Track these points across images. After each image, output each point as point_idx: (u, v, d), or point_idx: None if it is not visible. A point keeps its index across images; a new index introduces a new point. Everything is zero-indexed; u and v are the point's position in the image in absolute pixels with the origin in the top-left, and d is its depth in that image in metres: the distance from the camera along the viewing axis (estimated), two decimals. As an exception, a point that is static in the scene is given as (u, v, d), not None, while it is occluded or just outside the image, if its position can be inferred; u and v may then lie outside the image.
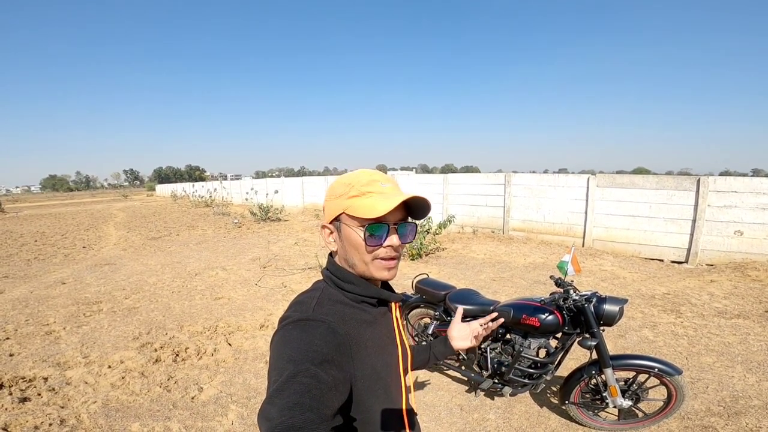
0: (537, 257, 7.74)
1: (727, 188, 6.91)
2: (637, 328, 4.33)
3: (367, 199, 0.86)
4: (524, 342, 2.72)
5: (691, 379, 3.30)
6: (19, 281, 6.95)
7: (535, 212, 9.50)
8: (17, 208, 30.77)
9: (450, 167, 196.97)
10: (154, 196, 46.89)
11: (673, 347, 3.90)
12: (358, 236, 0.87)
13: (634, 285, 5.91)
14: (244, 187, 23.82)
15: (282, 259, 8.06)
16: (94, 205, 30.95)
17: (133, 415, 2.96)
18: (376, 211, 0.84)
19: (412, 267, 7.13)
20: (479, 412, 2.97)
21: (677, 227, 7.45)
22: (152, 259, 8.48)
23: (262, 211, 14.39)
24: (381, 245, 0.88)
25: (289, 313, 0.87)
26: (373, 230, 0.86)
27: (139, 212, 21.23)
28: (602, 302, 2.44)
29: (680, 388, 2.42)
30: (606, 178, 8.37)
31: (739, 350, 3.81)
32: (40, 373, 3.56)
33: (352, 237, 0.89)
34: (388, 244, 0.88)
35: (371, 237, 0.86)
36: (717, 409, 2.92)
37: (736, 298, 5.21)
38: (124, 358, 3.84)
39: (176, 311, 5.13)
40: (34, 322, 4.85)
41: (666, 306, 4.96)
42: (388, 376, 0.93)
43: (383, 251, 0.89)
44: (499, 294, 5.53)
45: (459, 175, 11.02)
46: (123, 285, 6.44)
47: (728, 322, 4.47)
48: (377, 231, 0.86)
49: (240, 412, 3.02)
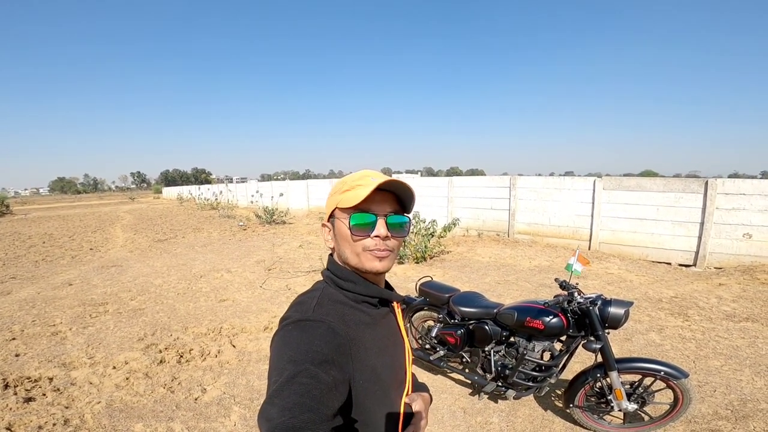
0: (542, 260, 7.69)
1: (735, 190, 6.83)
2: (644, 332, 4.28)
3: (354, 191, 0.88)
4: (528, 345, 2.70)
5: (698, 383, 3.26)
6: (27, 282, 7.02)
7: (540, 215, 9.45)
8: (26, 210, 31.13)
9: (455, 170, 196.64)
10: (160, 199, 47.25)
11: (681, 350, 3.85)
12: (345, 227, 0.89)
13: (641, 288, 5.86)
14: (250, 190, 23.96)
15: (286, 262, 8.08)
16: (101, 208, 31.22)
17: (136, 416, 2.97)
18: (357, 197, 0.85)
19: (417, 270, 7.11)
20: (482, 416, 2.95)
21: (685, 230, 7.38)
22: (158, 261, 8.53)
23: (268, 214, 14.44)
24: (368, 235, 0.88)
25: (289, 313, 0.87)
26: (357, 219, 0.87)
27: (146, 215, 21.39)
28: (607, 305, 2.42)
29: (687, 392, 2.39)
30: (612, 181, 8.31)
31: (748, 353, 3.76)
32: (46, 374, 3.58)
33: (341, 229, 0.90)
34: (375, 234, 0.88)
35: (356, 226, 0.87)
36: (724, 412, 2.88)
37: (744, 301, 5.15)
38: (129, 359, 3.86)
39: (181, 313, 5.15)
40: (40, 322, 4.89)
41: (673, 309, 4.90)
42: (388, 377, 0.92)
43: (371, 242, 0.88)
44: (503, 297, 5.50)
45: (464, 177, 11.00)
46: (129, 286, 6.48)
47: (737, 325, 4.41)
48: (362, 220, 0.87)
49: (243, 413, 3.02)
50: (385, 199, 0.89)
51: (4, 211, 25.13)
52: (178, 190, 43.13)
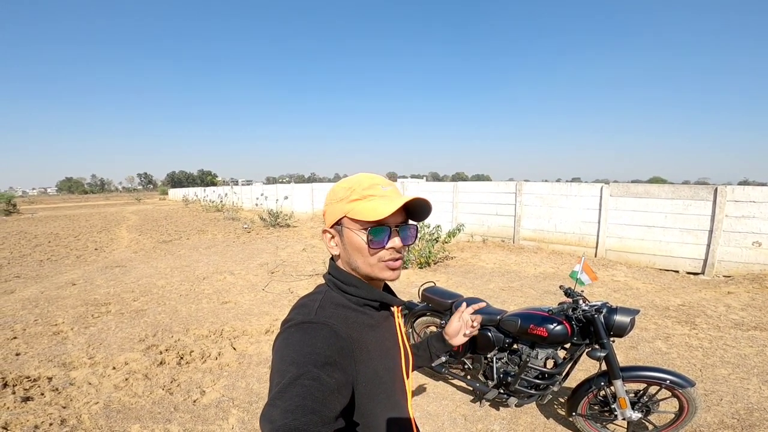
0: (548, 267, 7.62)
1: (745, 198, 6.74)
2: (650, 340, 4.21)
3: (369, 202, 0.87)
4: (531, 352, 2.65)
5: (704, 391, 3.20)
6: (31, 281, 7.05)
7: (546, 222, 9.38)
8: (33, 209, 31.40)
9: (461, 175, 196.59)
10: (166, 200, 47.58)
11: (687, 359, 3.78)
12: (360, 239, 0.88)
13: (648, 296, 5.78)
14: (255, 193, 24.02)
15: (290, 265, 8.06)
16: (107, 208, 31.47)
17: (134, 417, 2.95)
18: (378, 213, 0.84)
19: (420, 275, 7.07)
20: (483, 423, 2.90)
21: (693, 238, 7.28)
22: (162, 263, 8.55)
23: (272, 217, 14.47)
24: (383, 247, 0.88)
25: (291, 315, 0.87)
26: (375, 233, 0.87)
27: (152, 216, 21.51)
28: (613, 313, 2.37)
29: (692, 401, 2.34)
30: (620, 188, 8.23)
31: (756, 362, 3.69)
32: (45, 373, 3.57)
33: (354, 240, 0.89)
34: (390, 246, 0.89)
35: (374, 240, 0.87)
36: (731, 421, 2.82)
37: (753, 309, 5.06)
38: (129, 359, 3.85)
39: (183, 314, 5.14)
40: (42, 322, 4.90)
41: (680, 317, 4.83)
42: (390, 380, 0.92)
43: (386, 253, 0.89)
44: (507, 304, 5.44)
45: (469, 183, 10.95)
46: (132, 287, 6.49)
47: (745, 333, 4.33)
48: (379, 234, 0.87)
49: (241, 416, 2.99)
50: (397, 211, 0.88)
51: (12, 210, 25.38)
52: (184, 191, 43.41)
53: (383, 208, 0.84)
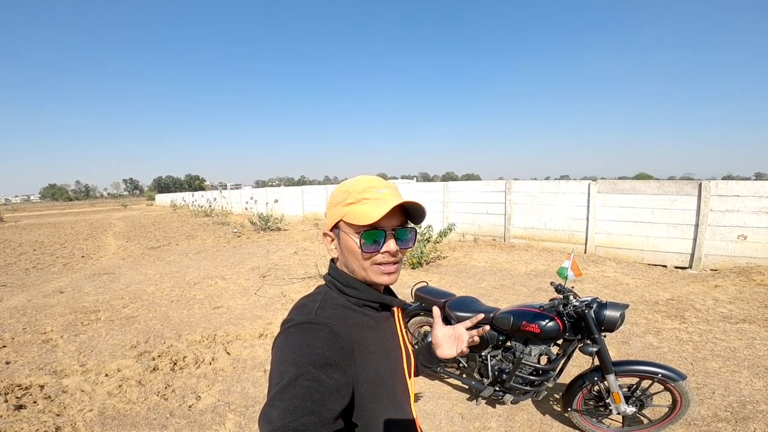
0: (539, 264, 7.69)
1: (729, 192, 6.88)
2: (641, 334, 4.28)
3: (362, 206, 0.87)
4: (525, 349, 2.68)
5: (696, 385, 3.25)
6: (17, 290, 6.92)
7: (536, 219, 9.47)
8: (16, 217, 30.82)
9: (451, 175, 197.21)
10: (153, 206, 46.94)
11: (678, 353, 3.85)
12: (354, 243, 0.88)
13: (638, 291, 5.87)
14: (244, 197, 23.84)
15: (281, 269, 8.03)
16: (93, 215, 30.99)
17: (129, 423, 2.91)
18: (369, 217, 0.84)
19: (413, 275, 7.09)
20: (480, 421, 2.92)
21: (680, 232, 7.42)
22: (151, 269, 8.45)
23: (262, 221, 14.36)
24: (378, 251, 0.88)
25: (291, 316, 0.87)
26: (368, 237, 0.86)
27: (139, 222, 21.23)
28: (603, 308, 2.41)
29: (685, 394, 2.38)
30: (607, 184, 8.35)
31: (746, 355, 3.76)
32: (37, 381, 3.52)
33: (349, 244, 0.89)
34: (385, 250, 0.88)
35: (367, 244, 0.87)
36: (724, 414, 2.87)
37: (741, 302, 5.17)
38: (122, 366, 3.80)
39: (175, 320, 5.08)
40: (31, 330, 4.81)
41: (670, 312, 4.91)
42: (391, 380, 0.92)
43: (381, 257, 0.89)
44: (500, 302, 5.48)
45: (459, 183, 11.00)
46: (121, 294, 6.40)
47: (734, 326, 4.42)
48: (373, 237, 0.87)
49: (238, 420, 2.97)
50: (393, 214, 0.87)
51: (-6, 218, 24.88)
52: (172, 196, 42.87)
53: (374, 212, 0.84)
